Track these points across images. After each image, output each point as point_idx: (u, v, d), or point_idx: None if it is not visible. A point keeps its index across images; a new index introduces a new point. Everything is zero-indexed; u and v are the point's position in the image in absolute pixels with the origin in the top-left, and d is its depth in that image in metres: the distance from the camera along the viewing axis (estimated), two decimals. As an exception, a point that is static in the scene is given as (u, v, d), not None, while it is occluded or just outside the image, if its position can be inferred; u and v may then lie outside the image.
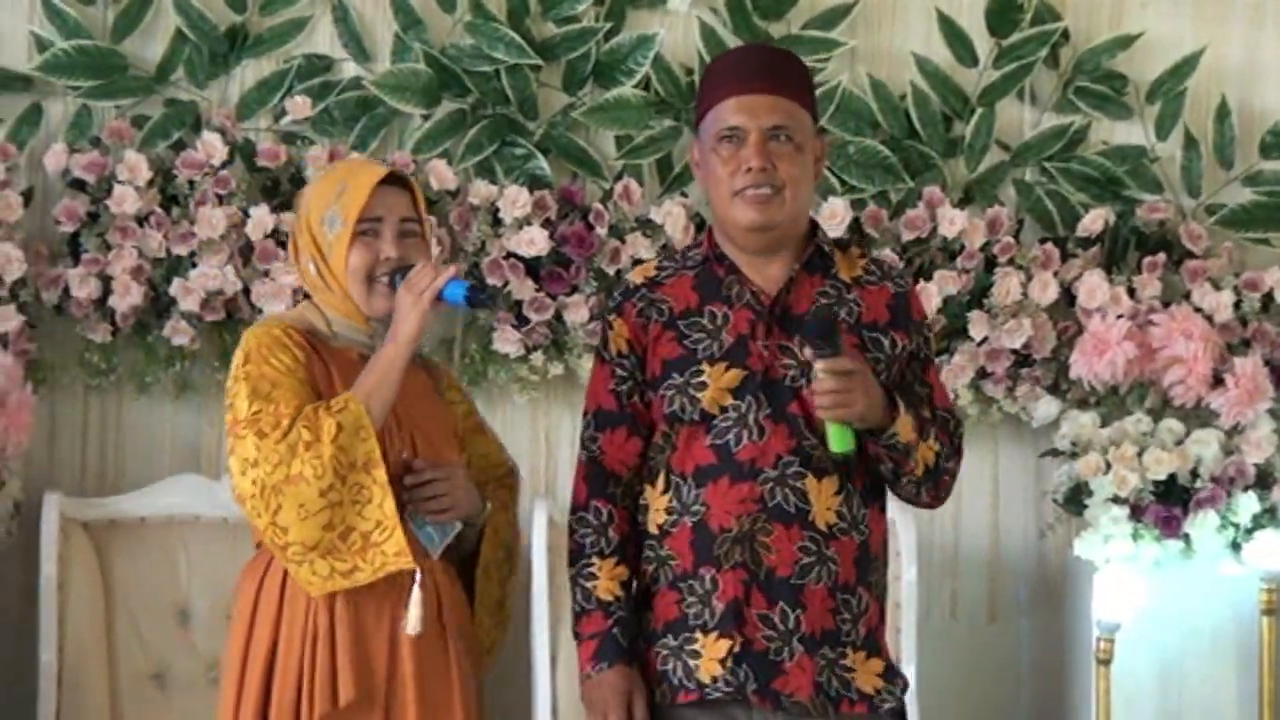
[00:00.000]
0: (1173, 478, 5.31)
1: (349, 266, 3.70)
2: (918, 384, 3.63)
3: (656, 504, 3.62)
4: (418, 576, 3.64)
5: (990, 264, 5.47)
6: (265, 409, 3.58)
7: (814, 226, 3.68)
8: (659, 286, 3.67)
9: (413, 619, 3.65)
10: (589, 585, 3.63)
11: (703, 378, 3.58)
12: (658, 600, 3.61)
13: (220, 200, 5.20)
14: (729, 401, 3.56)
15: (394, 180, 3.75)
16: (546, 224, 5.31)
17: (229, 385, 3.66)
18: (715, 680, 3.52)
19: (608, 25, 5.47)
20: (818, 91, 5.42)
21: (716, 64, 3.71)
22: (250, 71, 5.40)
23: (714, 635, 3.53)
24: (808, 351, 3.49)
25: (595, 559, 3.64)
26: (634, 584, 3.66)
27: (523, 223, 5.30)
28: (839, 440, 3.49)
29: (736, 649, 3.51)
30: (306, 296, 3.83)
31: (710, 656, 3.53)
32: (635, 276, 3.70)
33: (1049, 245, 5.51)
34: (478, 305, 3.76)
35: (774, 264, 3.62)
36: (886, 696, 3.56)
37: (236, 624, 3.74)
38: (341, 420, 3.55)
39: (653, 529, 3.63)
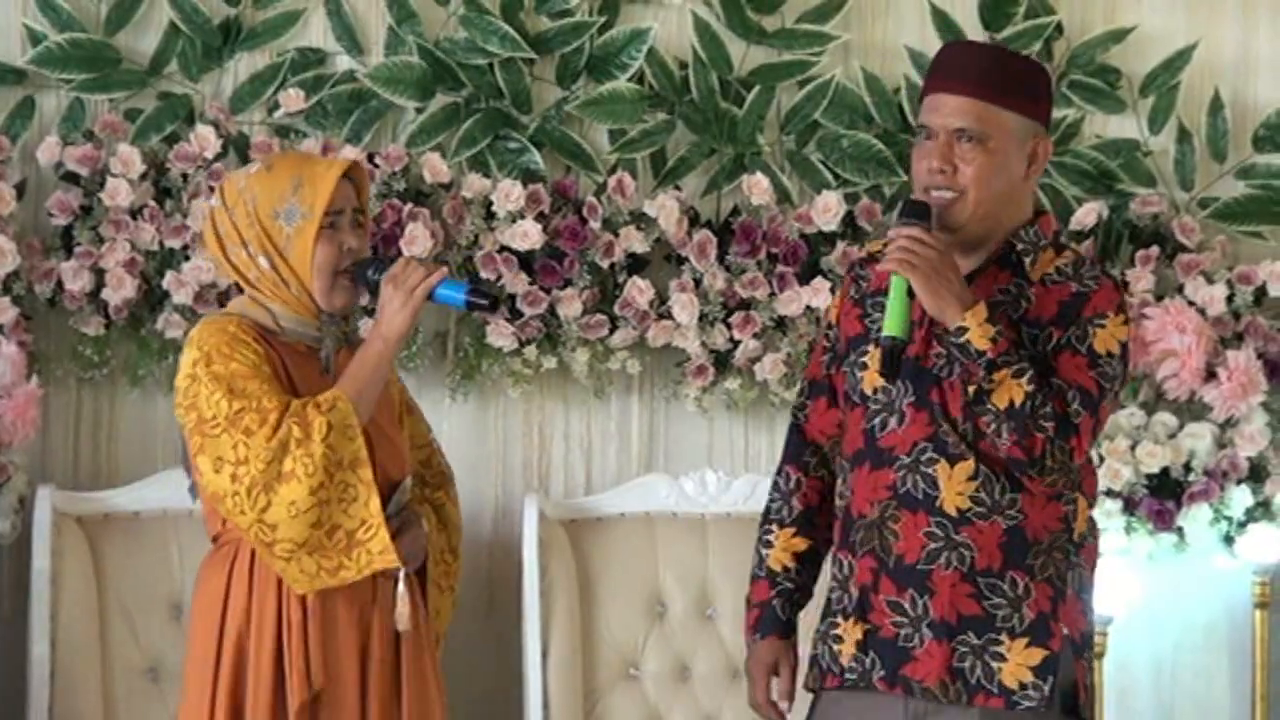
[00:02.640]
0: (1166, 471, 5.31)
1: (315, 260, 3.67)
2: (1049, 365, 3.52)
3: (837, 488, 3.70)
4: (401, 574, 3.64)
5: (984, 258, 5.46)
6: (247, 406, 3.56)
7: (1028, 224, 3.62)
8: (871, 263, 3.69)
9: (402, 616, 3.66)
10: (764, 552, 3.74)
11: (866, 358, 3.60)
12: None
13: (213, 193, 5.19)
14: (881, 384, 3.57)
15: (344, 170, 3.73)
16: (540, 217, 5.31)
17: (185, 385, 3.64)
18: (849, 666, 3.57)
19: (602, 19, 5.46)
20: (810, 85, 5.50)
21: (936, 56, 3.71)
22: (244, 65, 5.39)
23: (852, 620, 3.57)
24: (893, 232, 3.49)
25: (775, 526, 3.74)
26: (819, 556, 3.74)
27: (516, 216, 5.29)
28: (892, 320, 3.45)
29: (861, 636, 3.55)
30: (239, 290, 3.78)
31: (849, 641, 3.57)
32: (862, 252, 3.75)
33: (1042, 239, 5.51)
34: (476, 309, 3.74)
35: (967, 259, 3.60)
36: (1031, 693, 3.50)
37: (202, 619, 3.71)
38: (331, 418, 3.55)
39: (835, 514, 3.70)
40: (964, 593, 3.51)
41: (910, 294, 3.48)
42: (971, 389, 3.47)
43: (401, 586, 3.66)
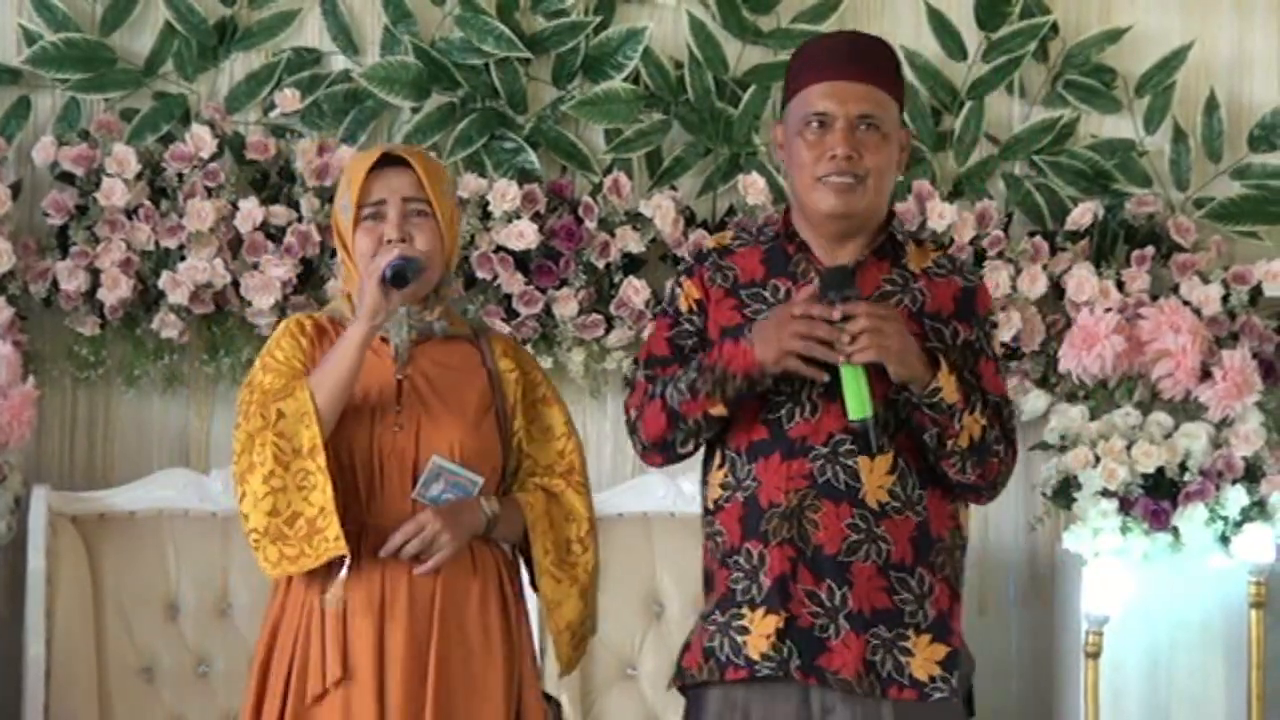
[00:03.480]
0: (1161, 471, 5.31)
1: (357, 252, 3.69)
2: (967, 371, 3.55)
3: (713, 480, 3.61)
4: (347, 561, 3.61)
5: (979, 257, 5.47)
6: (243, 398, 3.65)
7: (890, 216, 3.64)
8: (729, 254, 3.64)
9: (332, 596, 3.64)
10: (679, 382, 3.54)
11: None
12: (712, 578, 3.61)
13: (209, 193, 5.20)
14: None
15: (396, 161, 3.71)
16: (536, 217, 5.31)
17: None
18: (763, 657, 3.50)
19: (597, 19, 5.46)
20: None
21: (809, 46, 3.67)
22: (239, 64, 5.39)
23: (761, 611, 3.51)
24: (835, 312, 3.43)
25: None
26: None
27: (512, 216, 5.29)
28: (856, 403, 3.42)
29: (782, 625, 3.49)
30: None
31: (759, 633, 3.51)
32: (710, 242, 3.69)
33: (1038, 239, 5.52)
34: (398, 282, 3.64)
35: (846, 248, 3.59)
36: (940, 685, 3.52)
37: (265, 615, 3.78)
38: (283, 407, 3.57)
39: (709, 505, 3.63)
40: (878, 586, 3.50)
41: (865, 369, 3.44)
42: (933, 439, 3.48)
43: (344, 570, 3.63)
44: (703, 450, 3.65)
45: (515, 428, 3.80)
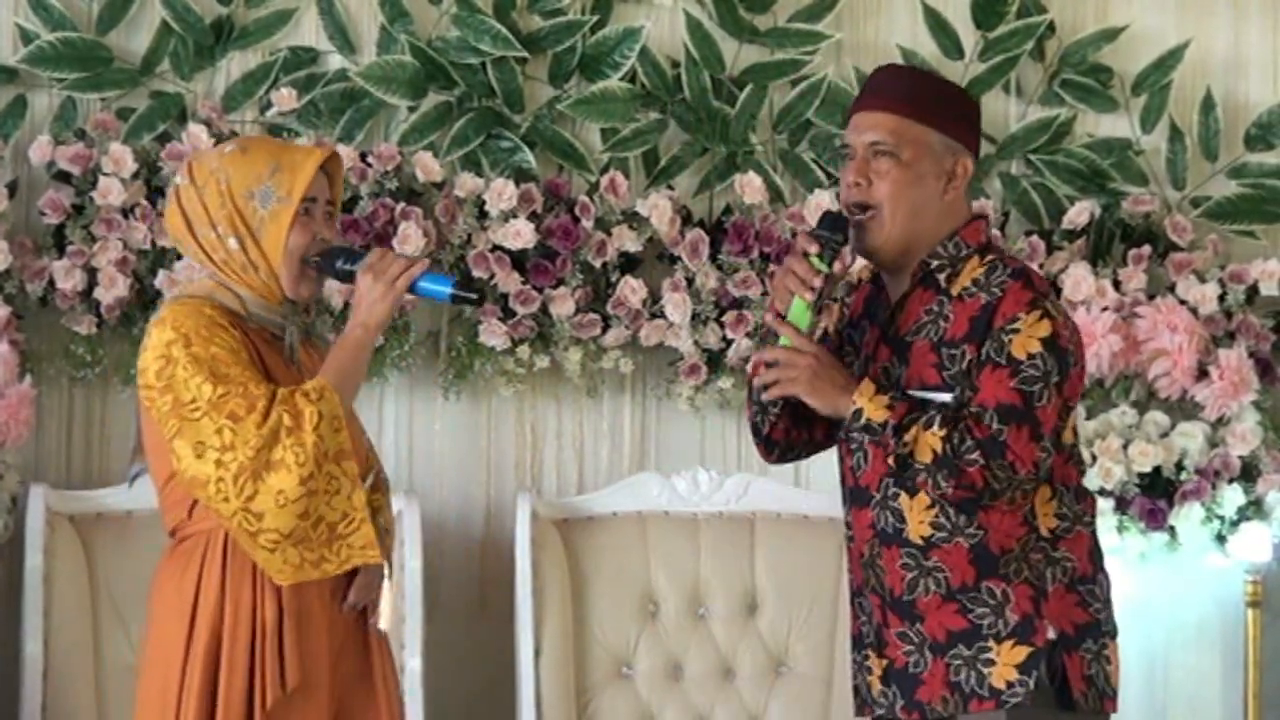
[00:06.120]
0: (1158, 470, 5.32)
1: (288, 246, 3.62)
2: (969, 384, 3.53)
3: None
4: (386, 571, 3.62)
5: (976, 256, 5.46)
6: (232, 391, 3.51)
7: (943, 241, 3.61)
8: (855, 290, 3.76)
9: (384, 614, 3.63)
10: None
11: None
12: None
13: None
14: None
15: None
16: (532, 217, 5.31)
17: (158, 366, 3.55)
18: (877, 698, 3.64)
19: (594, 18, 5.46)
20: (802, 84, 5.50)
21: (865, 81, 3.75)
22: (236, 64, 5.39)
23: (874, 653, 3.64)
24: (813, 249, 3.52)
25: None
26: None
27: (508, 215, 5.29)
28: (796, 318, 3.51)
29: (884, 669, 3.62)
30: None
31: (876, 674, 3.63)
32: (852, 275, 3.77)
33: (1034, 238, 5.52)
34: (461, 302, 3.74)
35: (900, 277, 3.63)
36: (1017, 689, 3.53)
37: (170, 619, 3.63)
38: (321, 408, 3.51)
39: None
40: (950, 610, 3.56)
41: (812, 305, 3.53)
42: (893, 460, 3.51)
43: (386, 584, 3.64)
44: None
45: None
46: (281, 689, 3.55)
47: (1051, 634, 3.57)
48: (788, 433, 3.72)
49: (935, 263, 3.60)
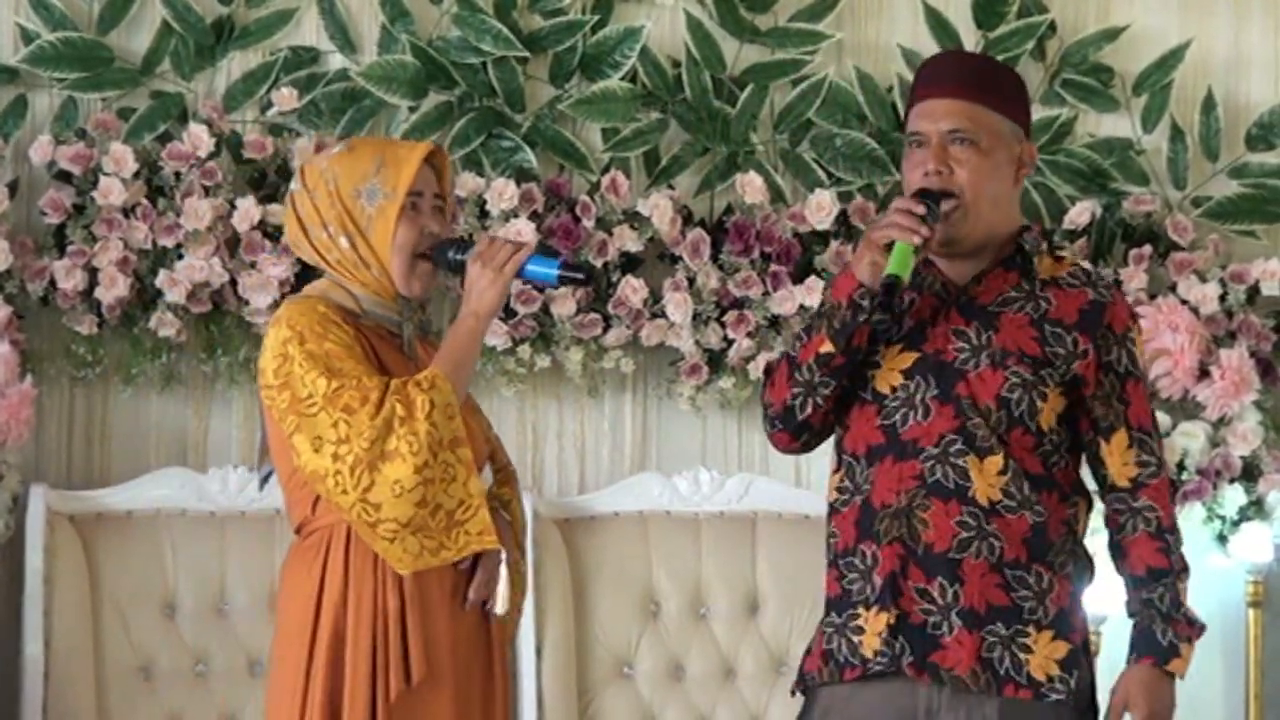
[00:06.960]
0: (1159, 470, 5.31)
1: (395, 241, 3.66)
2: (1115, 399, 3.58)
3: (831, 484, 3.66)
4: (503, 556, 3.63)
5: (977, 256, 5.47)
6: (346, 384, 3.53)
7: (1023, 230, 3.64)
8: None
9: (501, 598, 3.64)
10: (801, 334, 3.62)
11: (876, 357, 3.59)
12: (825, 579, 3.66)
13: (206, 192, 5.20)
14: (899, 382, 3.57)
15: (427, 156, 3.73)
16: (534, 216, 5.31)
17: (276, 365, 3.59)
18: (876, 654, 3.53)
19: (595, 18, 5.46)
20: (803, 84, 5.51)
21: (919, 70, 3.72)
22: (237, 63, 5.39)
23: (875, 610, 3.54)
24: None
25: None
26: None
27: (509, 215, 5.29)
28: (897, 263, 3.45)
29: (894, 621, 3.52)
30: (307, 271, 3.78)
31: (872, 631, 3.54)
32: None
33: (1035, 238, 5.52)
34: (569, 283, 3.74)
35: (970, 262, 3.62)
36: (1058, 686, 3.53)
37: (296, 614, 3.65)
38: (433, 397, 3.53)
39: (828, 510, 3.67)
40: (993, 583, 3.52)
41: (916, 250, 3.49)
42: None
43: (504, 569, 3.64)
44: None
45: None
46: (406, 681, 3.58)
47: (1081, 634, 3.60)
48: (825, 416, 3.64)
49: (1028, 248, 3.61)
